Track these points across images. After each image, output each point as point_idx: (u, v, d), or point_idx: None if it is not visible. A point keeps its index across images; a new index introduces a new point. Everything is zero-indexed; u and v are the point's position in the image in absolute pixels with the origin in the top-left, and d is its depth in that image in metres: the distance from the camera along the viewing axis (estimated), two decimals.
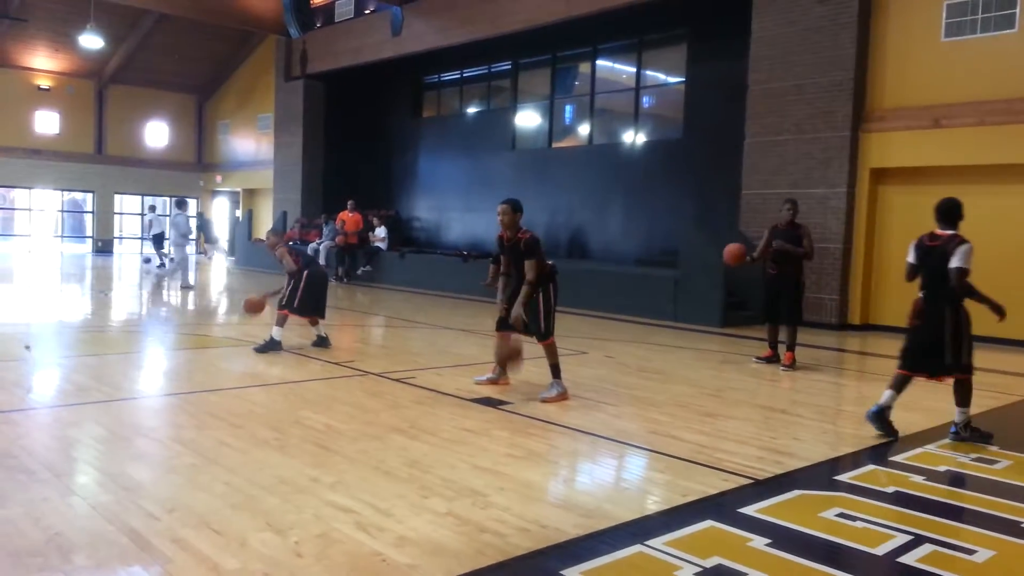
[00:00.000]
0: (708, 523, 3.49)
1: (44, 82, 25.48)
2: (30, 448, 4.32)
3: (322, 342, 8.06)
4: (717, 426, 5.36)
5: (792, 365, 7.87)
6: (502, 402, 5.84)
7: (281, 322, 7.78)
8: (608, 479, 4.37)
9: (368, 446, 4.55)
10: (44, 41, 24.13)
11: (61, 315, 11.16)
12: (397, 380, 6.57)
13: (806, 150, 11.61)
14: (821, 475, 4.41)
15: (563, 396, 5.95)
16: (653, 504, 3.81)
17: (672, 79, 15.58)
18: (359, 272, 17.64)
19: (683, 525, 3.46)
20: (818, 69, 11.42)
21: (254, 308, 8.04)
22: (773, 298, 8.07)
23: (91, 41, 21.02)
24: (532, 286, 5.90)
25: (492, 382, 6.40)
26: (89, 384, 6.15)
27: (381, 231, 18.13)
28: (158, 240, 19.18)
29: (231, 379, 6.68)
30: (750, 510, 3.67)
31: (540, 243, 6.06)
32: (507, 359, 6.08)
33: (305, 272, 7.83)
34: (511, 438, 4.85)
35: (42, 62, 25.09)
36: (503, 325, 6.27)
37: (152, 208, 21.57)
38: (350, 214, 17.94)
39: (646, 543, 3.22)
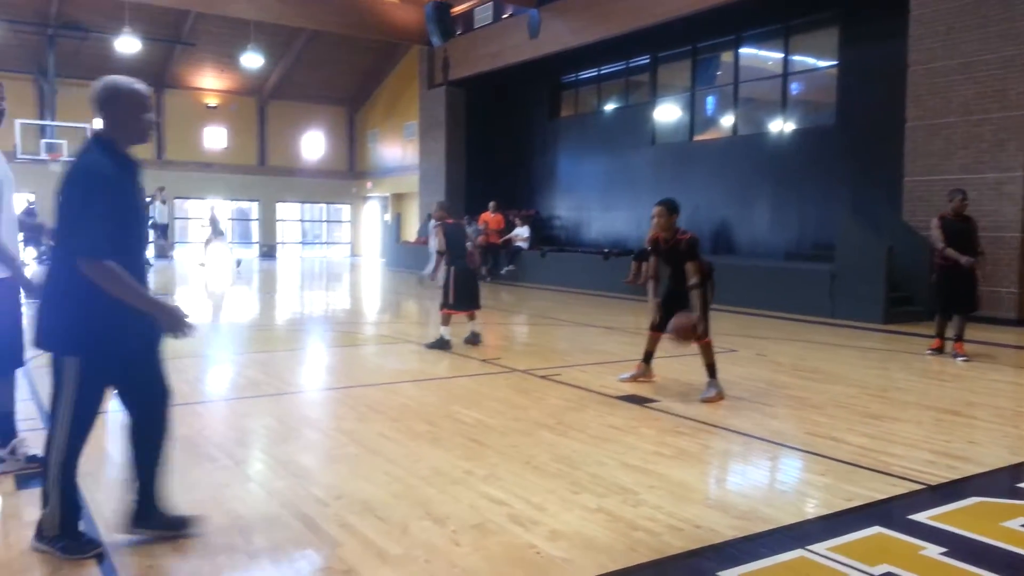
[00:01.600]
0: (876, 529, 3.31)
1: (212, 100, 27.63)
2: (211, 437, 4.70)
3: (474, 338, 8.26)
4: (883, 428, 5.06)
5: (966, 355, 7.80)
6: (649, 400, 5.77)
7: (445, 321, 8.06)
8: (764, 481, 4.22)
9: (517, 441, 4.63)
10: (210, 62, 26.19)
11: (234, 315, 12.05)
12: (543, 377, 6.64)
13: (975, 132, 10.72)
14: (1002, 482, 4.07)
15: (720, 396, 5.80)
16: (814, 508, 3.65)
17: (823, 63, 14.83)
18: (502, 272, 17.95)
19: (848, 531, 3.29)
20: (987, 45, 10.52)
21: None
22: (952, 288, 7.87)
23: (252, 60, 22.63)
24: (699, 287, 5.81)
25: (635, 379, 6.34)
26: (260, 378, 6.62)
27: (523, 230, 18.37)
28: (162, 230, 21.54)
29: (386, 375, 6.98)
30: (922, 517, 3.45)
31: (699, 243, 5.97)
32: (681, 334, 5.83)
33: (451, 268, 8.07)
34: (659, 436, 4.79)
35: (209, 82, 27.23)
36: (660, 326, 6.21)
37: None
38: (492, 215, 18.30)
39: (808, 548, 3.10)
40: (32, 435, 4.40)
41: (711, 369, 5.90)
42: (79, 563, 2.90)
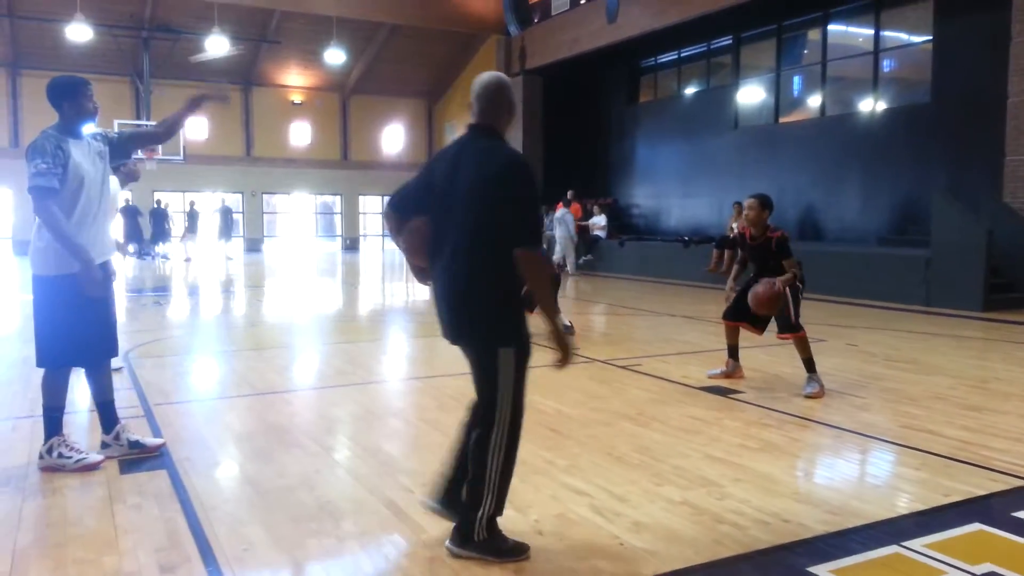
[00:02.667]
0: (976, 526, 3.17)
1: (297, 97, 28.38)
2: (301, 425, 4.85)
3: (568, 330, 8.25)
4: (983, 421, 4.82)
5: None
6: (733, 391, 5.66)
7: None
8: (855, 475, 4.08)
9: (598, 432, 4.61)
10: (295, 60, 26.88)
11: (319, 307, 12.39)
12: (623, 367, 6.59)
13: None
14: None
15: (821, 392, 5.53)
16: (909, 503, 3.51)
17: (917, 38, 14.16)
18: (580, 261, 17.88)
19: (946, 527, 3.16)
20: None
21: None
22: None
23: (335, 56, 23.15)
24: (794, 279, 5.61)
25: (727, 376, 6.13)
26: (346, 368, 6.79)
27: (600, 219, 18.23)
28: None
29: (465, 364, 7.04)
30: None
31: (789, 241, 5.78)
32: (762, 303, 5.60)
33: None
34: (745, 429, 4.69)
35: (294, 79, 27.97)
36: (733, 315, 6.04)
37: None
38: (570, 204, 18.23)
39: (903, 544, 2.99)
40: (134, 422, 4.64)
41: (809, 364, 5.63)
42: (242, 546, 3.04)
